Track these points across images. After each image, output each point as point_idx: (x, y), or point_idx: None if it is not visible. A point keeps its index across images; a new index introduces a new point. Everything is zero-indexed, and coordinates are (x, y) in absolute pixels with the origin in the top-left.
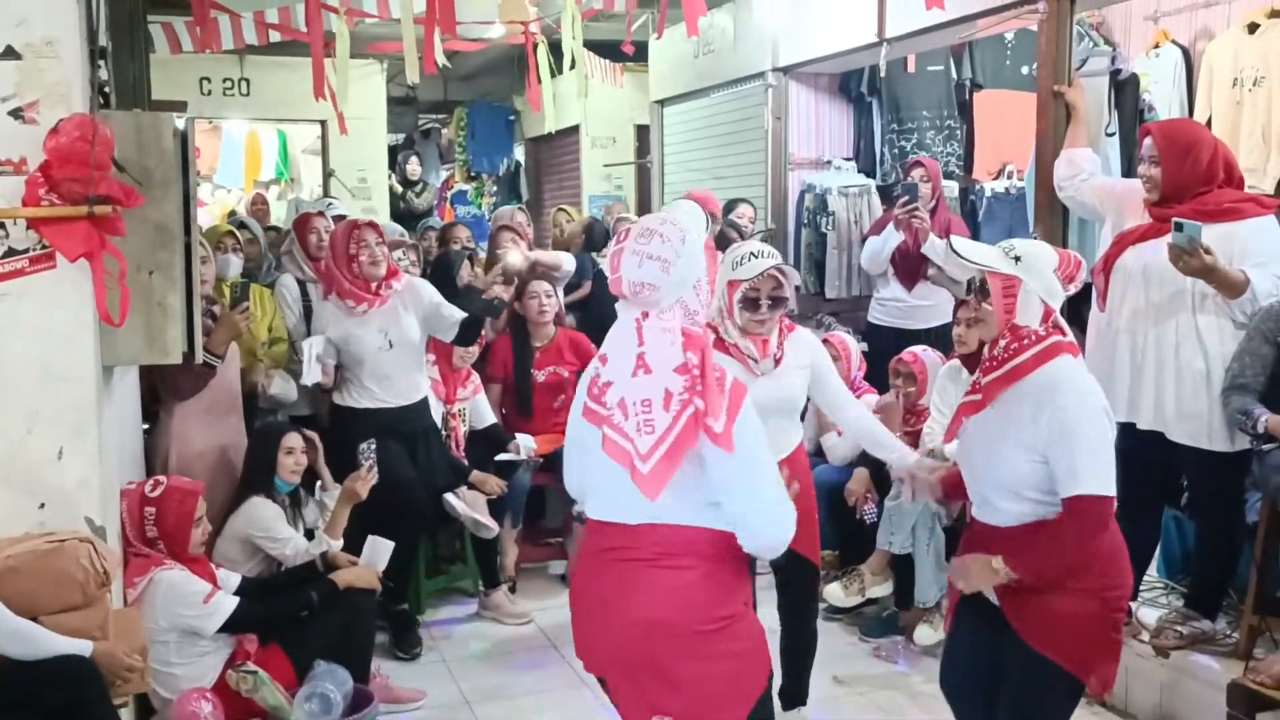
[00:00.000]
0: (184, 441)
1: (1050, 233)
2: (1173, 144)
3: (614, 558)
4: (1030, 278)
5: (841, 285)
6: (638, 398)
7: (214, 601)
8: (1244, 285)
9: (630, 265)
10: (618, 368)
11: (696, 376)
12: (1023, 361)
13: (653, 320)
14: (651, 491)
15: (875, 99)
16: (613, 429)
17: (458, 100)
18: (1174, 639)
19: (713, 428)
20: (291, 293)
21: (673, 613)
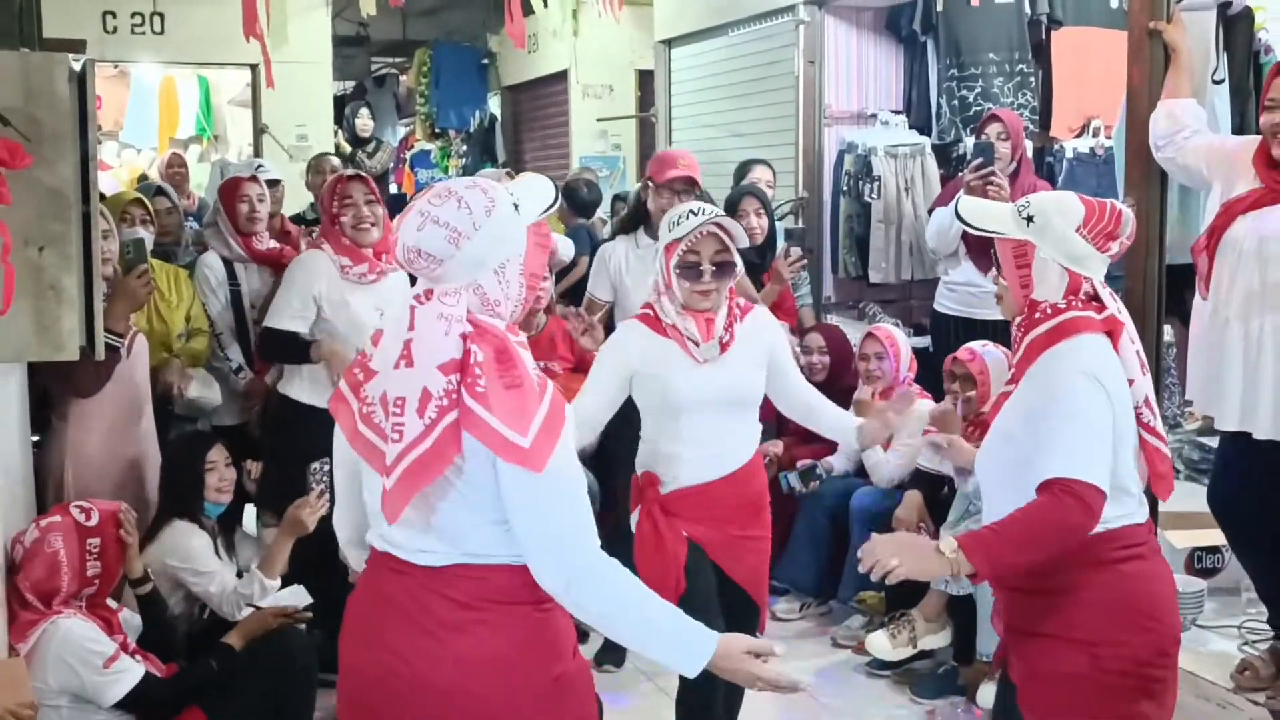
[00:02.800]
0: (83, 455)
1: (1146, 203)
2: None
3: (402, 612)
4: (1043, 241)
5: (889, 268)
6: (394, 394)
7: (116, 667)
8: None
9: (409, 227)
10: (384, 355)
11: (474, 375)
12: (1031, 341)
13: (432, 303)
14: (391, 513)
15: (930, 38)
16: (370, 427)
17: (419, 40)
18: None
19: (512, 440)
20: (216, 274)
21: (486, 688)
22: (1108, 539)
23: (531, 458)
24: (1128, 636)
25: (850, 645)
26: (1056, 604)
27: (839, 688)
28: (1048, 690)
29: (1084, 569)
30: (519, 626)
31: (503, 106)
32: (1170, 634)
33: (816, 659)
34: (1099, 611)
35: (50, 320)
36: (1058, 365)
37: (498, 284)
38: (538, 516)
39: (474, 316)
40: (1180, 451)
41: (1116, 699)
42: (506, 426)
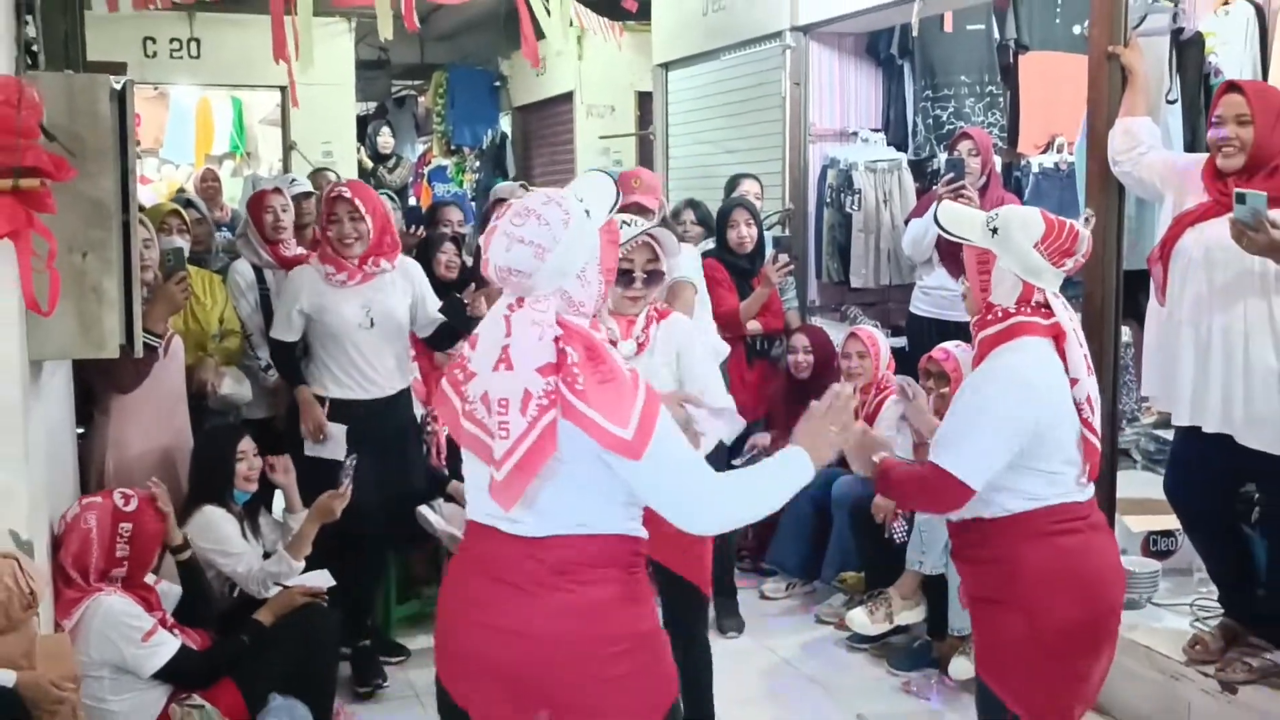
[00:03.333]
0: (123, 446)
1: (1104, 214)
2: (1267, 103)
3: (503, 576)
4: (1004, 252)
5: (869, 273)
6: (497, 396)
7: (154, 640)
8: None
9: (498, 249)
10: (482, 358)
11: (572, 375)
12: (983, 339)
13: (524, 310)
14: (506, 502)
15: (907, 62)
16: (473, 423)
17: (436, 64)
18: (1243, 672)
19: (615, 433)
20: (245, 279)
21: (576, 636)
22: (1045, 514)
23: (632, 447)
24: (1063, 602)
25: (832, 622)
26: (1001, 572)
27: (821, 661)
28: (996, 652)
29: (1024, 540)
30: (609, 586)
31: (513, 125)
32: (1105, 604)
33: (801, 634)
34: (1036, 579)
35: (92, 320)
36: (994, 367)
37: (580, 286)
38: (659, 491)
39: (561, 318)
40: (1138, 443)
41: (1053, 658)
42: (608, 420)
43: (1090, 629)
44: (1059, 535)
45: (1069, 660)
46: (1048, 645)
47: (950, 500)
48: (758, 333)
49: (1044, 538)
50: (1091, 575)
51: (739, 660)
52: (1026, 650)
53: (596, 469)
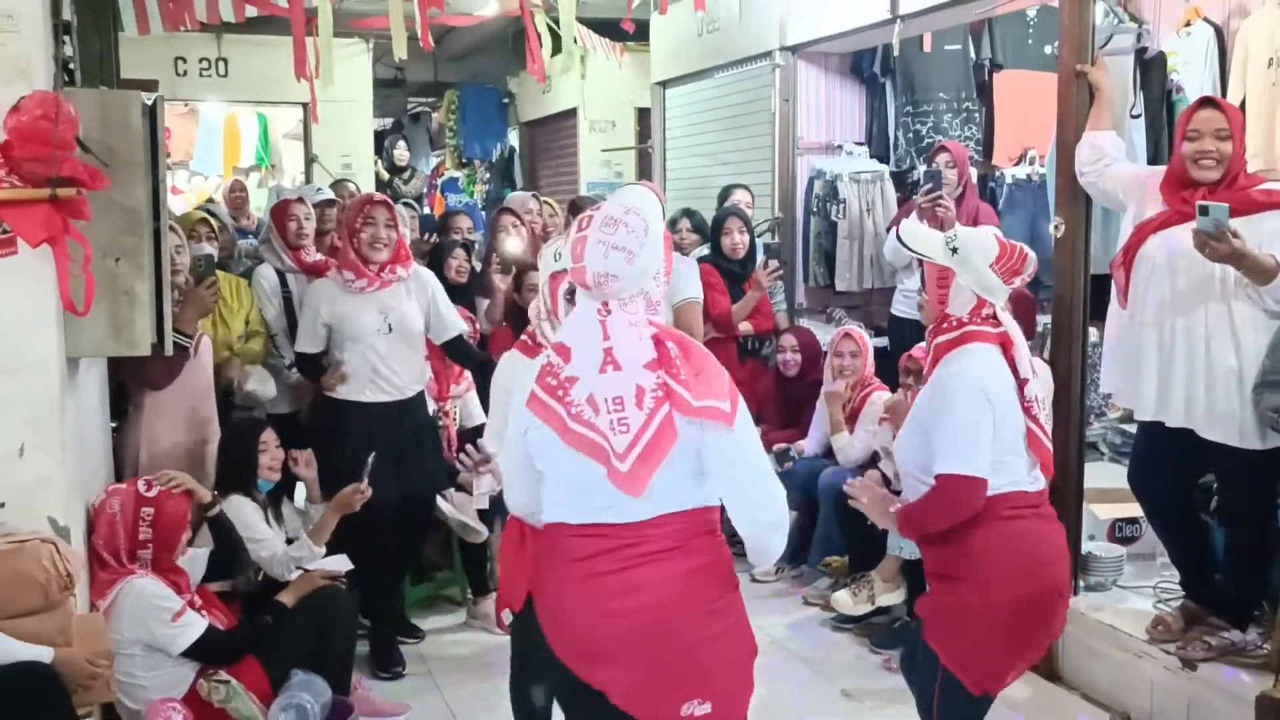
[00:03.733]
0: (155, 439)
1: (1073, 222)
2: (1240, 120)
3: (618, 559)
4: (962, 270)
5: (853, 277)
6: (608, 395)
7: (183, 620)
8: (1275, 271)
9: (596, 255)
10: (584, 362)
11: (676, 368)
12: (937, 346)
13: (618, 313)
14: (635, 490)
15: (889, 80)
16: (582, 424)
17: (448, 82)
18: (1202, 650)
19: (717, 406)
20: (270, 284)
21: (694, 599)
22: (997, 500)
23: (729, 416)
24: (1011, 579)
25: (818, 603)
26: (958, 551)
27: (808, 640)
28: (946, 621)
29: (980, 523)
30: (709, 550)
31: (520, 139)
32: (1050, 585)
33: (789, 615)
34: (989, 558)
35: (124, 321)
36: (948, 373)
37: (656, 287)
38: (736, 461)
39: (649, 318)
40: (1105, 437)
41: (997, 629)
42: (711, 398)
43: (1033, 605)
44: (1010, 520)
45: (1012, 631)
46: (994, 617)
47: (969, 497)
48: (749, 333)
49: (997, 521)
50: (1038, 557)
51: None
52: (975, 621)
53: (690, 451)
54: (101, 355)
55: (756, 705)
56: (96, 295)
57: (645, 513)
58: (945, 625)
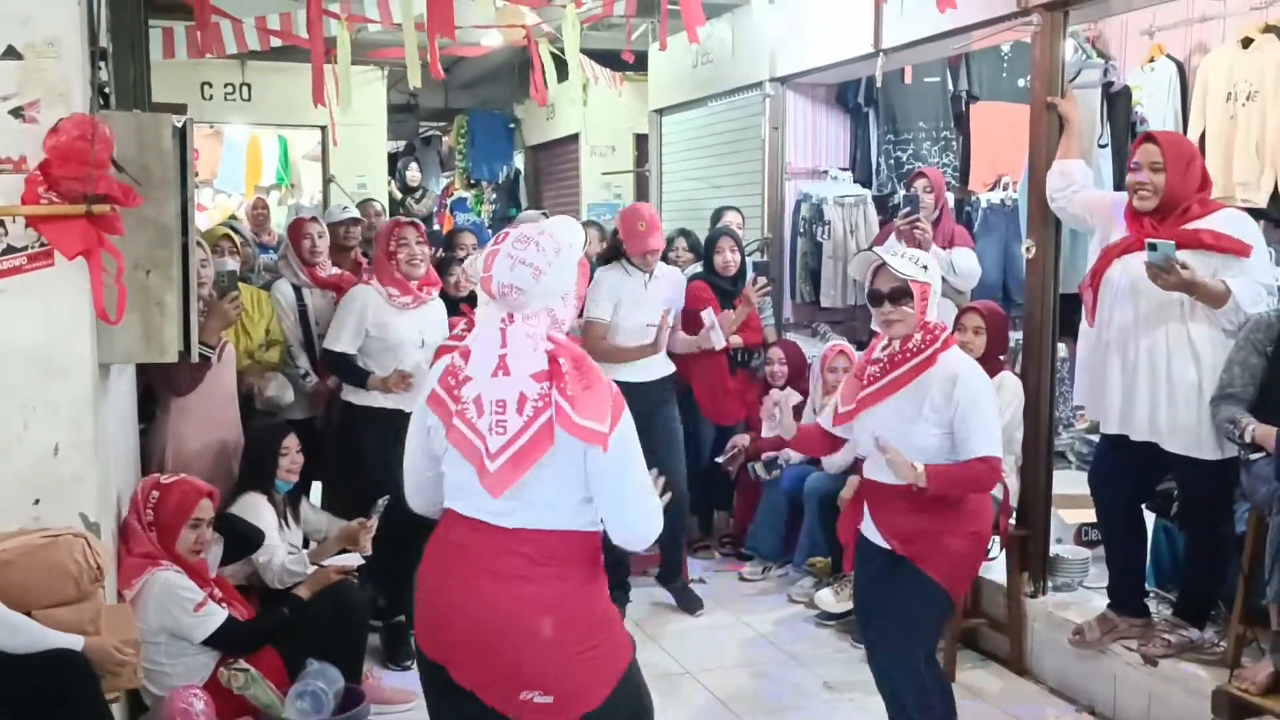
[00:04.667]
0: (181, 441)
1: (1042, 245)
2: (1179, 153)
3: (486, 565)
4: (935, 283)
5: (837, 295)
6: (494, 397)
7: (204, 611)
8: (1225, 296)
9: (503, 267)
10: (479, 365)
11: (564, 382)
12: (933, 353)
13: (518, 324)
14: (496, 490)
15: (872, 110)
16: (464, 422)
17: (458, 108)
18: (1162, 648)
19: (593, 427)
20: (287, 298)
21: (548, 627)
22: None
23: (604, 438)
24: (985, 522)
25: (803, 601)
26: (957, 511)
27: (793, 635)
28: (946, 559)
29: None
30: (576, 575)
31: (525, 162)
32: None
33: (775, 612)
34: (974, 513)
35: (154, 330)
36: (965, 373)
37: (563, 307)
38: (615, 483)
39: (550, 334)
40: (1072, 446)
41: (977, 556)
42: (589, 418)
43: (986, 541)
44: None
45: (982, 555)
46: (977, 549)
47: (994, 477)
48: (739, 346)
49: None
50: (989, 501)
51: (721, 635)
52: (968, 558)
53: (574, 469)
54: (132, 361)
55: (744, 695)
56: (129, 305)
57: (516, 522)
58: (944, 560)
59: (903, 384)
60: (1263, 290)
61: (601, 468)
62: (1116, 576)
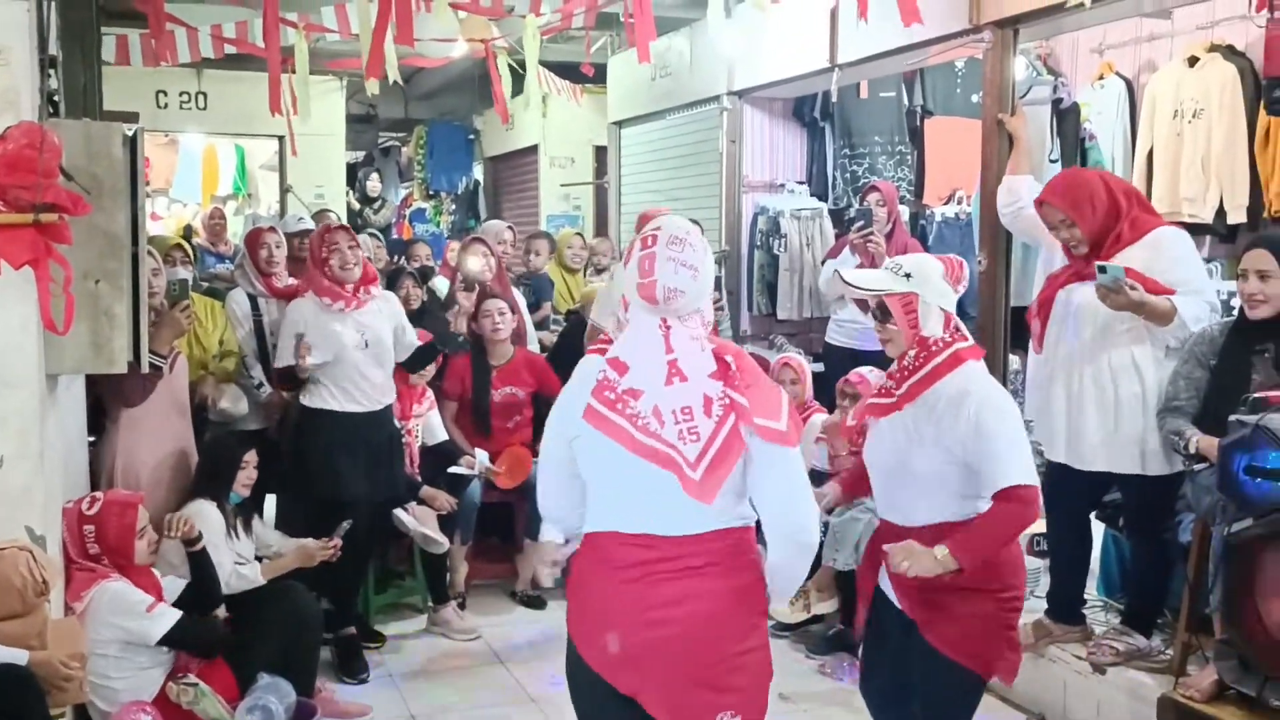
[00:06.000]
0: (131, 453)
1: (995, 257)
2: (1074, 198)
3: (664, 570)
4: (925, 290)
5: (793, 307)
6: (676, 405)
7: (156, 611)
8: (1172, 314)
9: (667, 271)
10: (646, 376)
11: (735, 380)
12: (932, 369)
13: (678, 328)
14: (707, 497)
15: (828, 124)
16: (649, 436)
17: (418, 119)
18: (1110, 655)
19: (774, 426)
20: (242, 308)
21: (734, 615)
22: None
23: (788, 437)
24: (1017, 583)
25: None
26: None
27: None
28: (955, 625)
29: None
30: (754, 568)
31: (485, 173)
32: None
33: None
34: (1003, 570)
35: (103, 340)
36: (978, 393)
37: (709, 308)
38: (788, 479)
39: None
40: None
41: (1003, 626)
42: (767, 417)
43: (1021, 599)
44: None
45: (1011, 626)
46: (1007, 617)
47: (1033, 508)
48: None
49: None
50: (1023, 559)
51: None
52: (992, 623)
53: (739, 467)
54: (81, 372)
55: None
56: (77, 315)
57: (694, 527)
58: (971, 637)
59: (898, 407)
60: (1206, 307)
61: (776, 467)
62: (1056, 583)
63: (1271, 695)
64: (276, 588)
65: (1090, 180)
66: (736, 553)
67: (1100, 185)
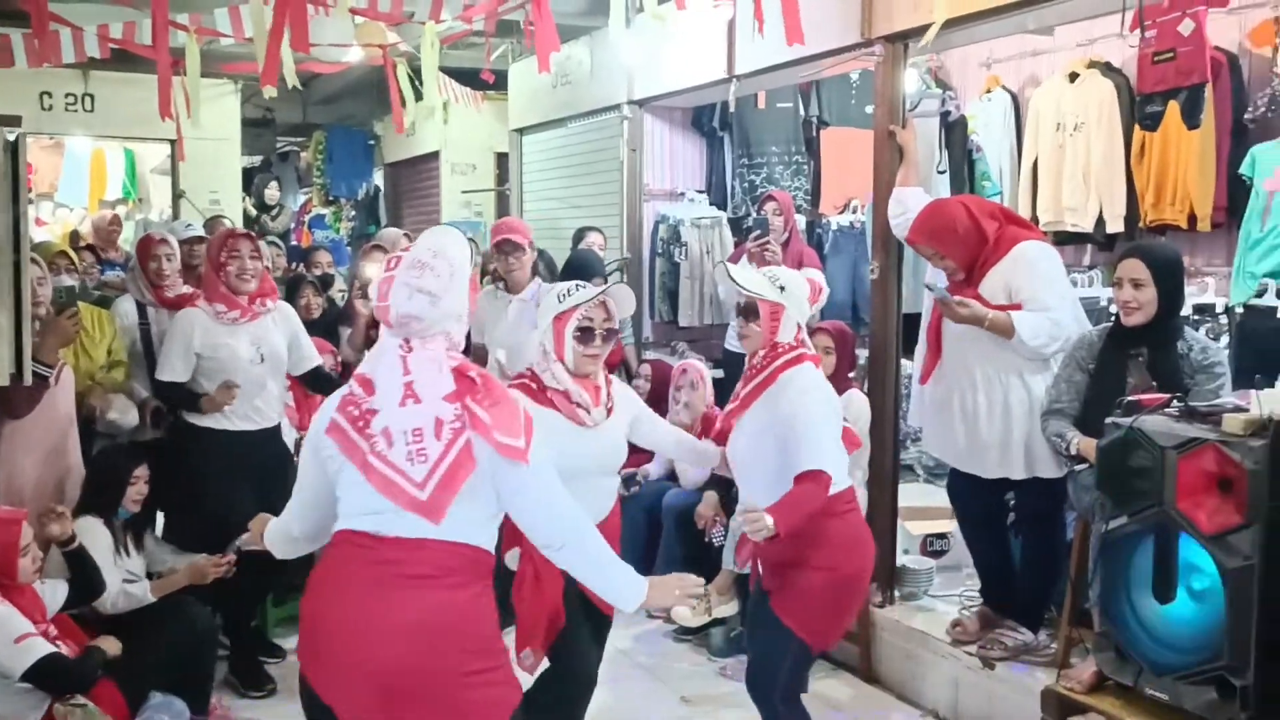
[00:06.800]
0: (15, 467)
1: (887, 266)
2: (935, 233)
3: (388, 573)
4: (791, 305)
5: (694, 314)
6: (407, 427)
7: (26, 644)
8: (1011, 328)
9: (400, 297)
10: (384, 396)
11: (479, 396)
12: (775, 368)
13: (418, 350)
14: (435, 515)
15: (726, 134)
16: (378, 459)
17: (316, 124)
18: (1000, 651)
19: (511, 444)
20: (129, 316)
21: (450, 633)
22: (837, 498)
23: (524, 453)
24: (852, 560)
25: (660, 616)
26: (803, 542)
27: (651, 650)
28: (793, 595)
29: (828, 518)
30: (473, 590)
31: (385, 179)
32: (869, 562)
33: (634, 627)
34: (836, 545)
35: None
36: (798, 387)
37: (459, 328)
38: (529, 495)
39: (450, 354)
40: (920, 459)
41: (832, 601)
42: (507, 434)
43: (861, 579)
44: (847, 513)
45: (848, 601)
46: (837, 591)
47: (824, 491)
48: None
49: (839, 516)
50: (864, 541)
51: None
52: (821, 596)
53: (485, 482)
54: None
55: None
56: None
57: (422, 533)
58: (798, 605)
59: (749, 402)
60: (1048, 324)
61: (525, 483)
62: (987, 581)
63: (1146, 685)
64: (168, 602)
65: (951, 211)
66: (458, 569)
67: (962, 213)
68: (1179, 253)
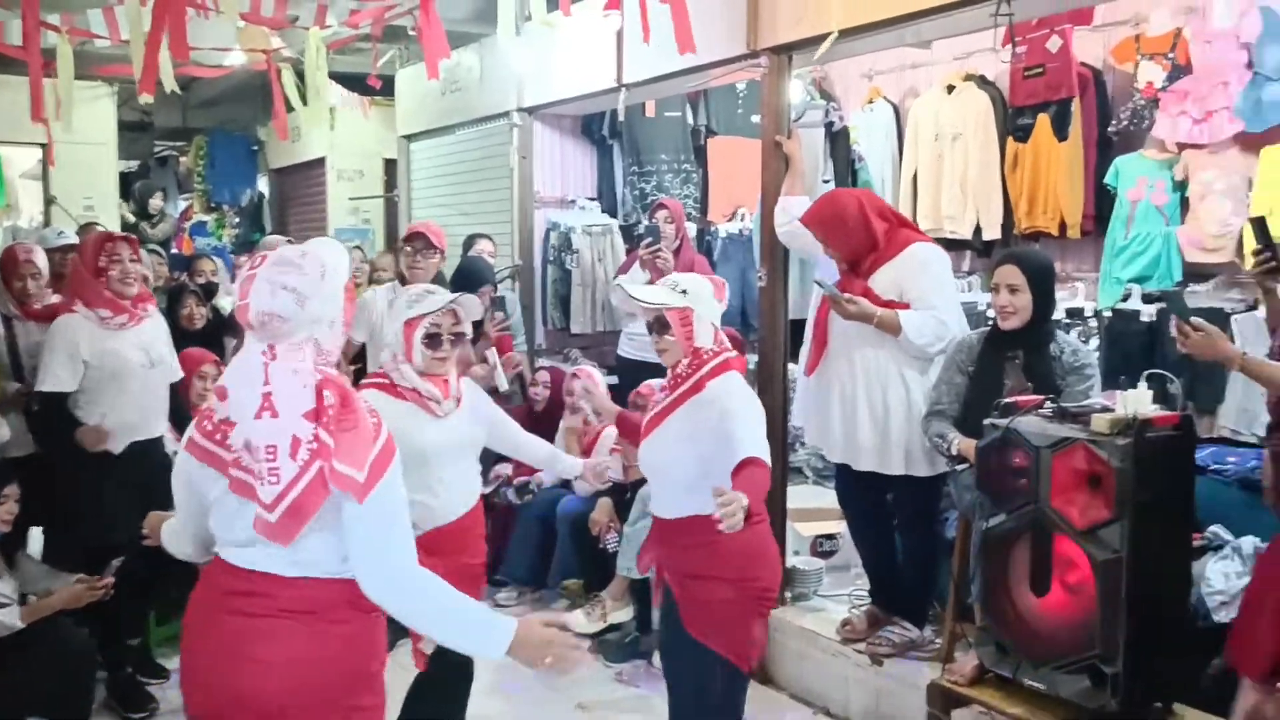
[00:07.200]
0: None
1: (774, 273)
2: (824, 221)
3: (265, 606)
4: (699, 305)
5: (586, 321)
6: (263, 442)
7: None
8: (899, 326)
9: (263, 294)
10: (240, 406)
11: (327, 421)
12: (701, 376)
13: (281, 359)
14: (284, 539)
15: (616, 142)
16: (241, 470)
17: (197, 128)
18: (887, 647)
19: (350, 474)
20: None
21: (328, 669)
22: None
23: (361, 489)
24: (762, 572)
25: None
26: (713, 553)
27: None
28: (705, 611)
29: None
30: (352, 625)
31: (270, 186)
32: (776, 576)
33: None
34: (741, 557)
35: None
36: (725, 391)
37: (330, 336)
38: (363, 536)
39: (318, 367)
40: (809, 462)
41: (745, 614)
42: (349, 464)
43: (771, 591)
44: (757, 524)
45: (754, 615)
46: (747, 604)
47: (768, 473)
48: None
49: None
50: (771, 553)
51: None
52: (732, 610)
53: (338, 515)
54: None
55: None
56: None
57: (293, 570)
58: (707, 620)
59: (674, 408)
60: (934, 322)
61: (357, 521)
62: (875, 580)
63: (1024, 676)
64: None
65: (843, 202)
66: (332, 604)
67: (854, 206)
68: (1051, 259)
